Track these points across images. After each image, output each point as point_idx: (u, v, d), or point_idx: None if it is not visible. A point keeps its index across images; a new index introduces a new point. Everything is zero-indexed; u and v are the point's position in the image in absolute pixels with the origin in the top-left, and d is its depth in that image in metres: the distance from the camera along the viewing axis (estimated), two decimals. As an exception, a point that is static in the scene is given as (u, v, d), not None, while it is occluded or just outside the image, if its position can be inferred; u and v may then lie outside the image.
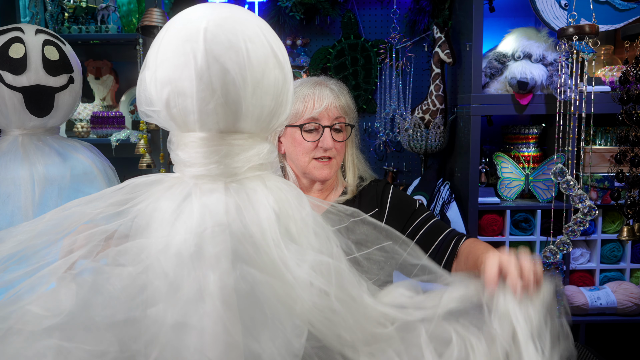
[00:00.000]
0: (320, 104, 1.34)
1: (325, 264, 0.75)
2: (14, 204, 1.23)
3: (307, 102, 1.35)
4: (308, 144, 1.35)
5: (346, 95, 1.42)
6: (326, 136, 1.34)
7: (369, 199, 1.43)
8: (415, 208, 1.41)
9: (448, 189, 2.33)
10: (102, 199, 0.77)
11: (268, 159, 0.80)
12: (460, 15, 2.39)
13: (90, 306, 0.68)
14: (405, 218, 1.40)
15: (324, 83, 1.40)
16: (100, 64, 2.68)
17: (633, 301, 2.13)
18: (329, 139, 1.34)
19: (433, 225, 1.38)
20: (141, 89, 0.77)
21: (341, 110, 1.37)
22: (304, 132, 1.36)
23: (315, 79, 1.41)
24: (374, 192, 1.44)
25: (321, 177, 1.38)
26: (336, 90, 1.39)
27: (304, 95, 1.36)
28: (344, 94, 1.41)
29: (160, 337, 0.67)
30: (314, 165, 1.37)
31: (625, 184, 1.68)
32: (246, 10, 0.79)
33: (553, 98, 2.14)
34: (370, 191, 1.45)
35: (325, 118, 1.35)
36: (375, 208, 1.42)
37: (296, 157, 1.38)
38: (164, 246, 0.70)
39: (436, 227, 1.38)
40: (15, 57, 1.25)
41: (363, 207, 1.39)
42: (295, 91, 1.35)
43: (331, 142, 1.34)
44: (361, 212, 0.93)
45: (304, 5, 2.55)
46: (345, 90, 1.43)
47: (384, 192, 1.44)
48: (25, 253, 0.74)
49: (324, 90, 1.36)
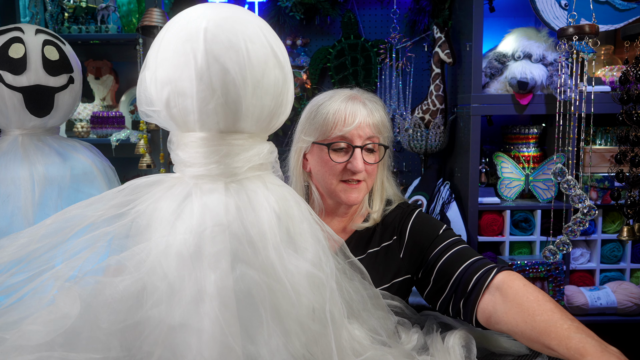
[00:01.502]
0: (352, 121, 1.20)
1: (317, 277, 0.76)
2: (14, 204, 1.23)
3: (337, 119, 1.20)
4: (336, 165, 1.21)
5: (381, 111, 1.27)
6: (357, 157, 1.20)
7: (390, 225, 1.29)
8: (438, 233, 1.22)
9: (448, 189, 2.33)
10: (102, 201, 0.78)
11: (268, 158, 0.80)
12: (460, 15, 2.39)
13: (95, 313, 0.68)
14: (427, 244, 1.21)
15: (357, 97, 1.25)
16: (100, 64, 2.68)
17: (633, 301, 2.13)
18: (360, 161, 1.20)
19: (458, 252, 1.16)
20: (141, 89, 0.78)
21: (375, 128, 1.23)
22: (332, 152, 1.22)
23: (349, 92, 1.27)
24: (397, 218, 1.29)
25: (348, 202, 1.24)
26: (370, 106, 1.24)
27: (334, 110, 1.21)
28: (378, 110, 1.26)
29: (162, 338, 0.67)
30: (341, 187, 1.23)
31: (625, 184, 1.68)
32: (246, 10, 0.79)
33: (553, 98, 2.14)
34: (394, 217, 1.30)
35: (356, 137, 1.21)
36: (394, 236, 1.27)
37: (322, 178, 1.25)
38: (164, 247, 0.70)
39: (461, 254, 1.16)
40: (15, 57, 1.25)
41: (384, 235, 1.29)
42: (325, 105, 1.23)
43: (362, 164, 1.20)
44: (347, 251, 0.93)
45: (304, 5, 2.55)
46: (381, 106, 1.28)
47: (406, 218, 1.28)
48: (28, 258, 0.74)
49: (357, 106, 1.22)
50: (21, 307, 0.71)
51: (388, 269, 1.24)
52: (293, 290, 0.72)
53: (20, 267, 0.73)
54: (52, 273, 0.72)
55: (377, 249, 1.27)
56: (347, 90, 1.28)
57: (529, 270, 2.13)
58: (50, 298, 0.70)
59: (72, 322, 0.67)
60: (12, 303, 0.71)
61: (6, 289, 0.72)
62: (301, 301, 0.73)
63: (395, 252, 1.25)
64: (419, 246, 1.22)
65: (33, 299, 0.71)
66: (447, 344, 1.00)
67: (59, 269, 0.72)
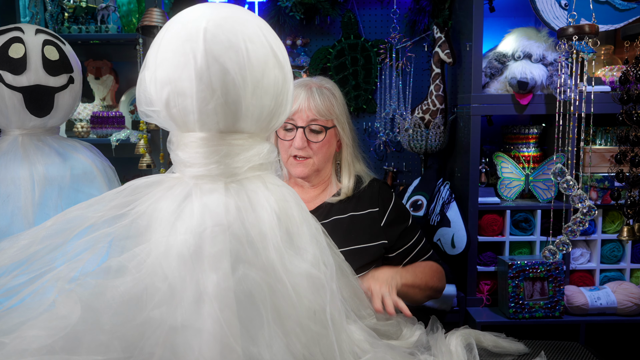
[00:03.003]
0: (295, 105, 1.39)
1: (317, 278, 0.76)
2: (14, 204, 1.23)
3: None
4: (284, 142, 1.42)
5: (328, 97, 1.42)
6: (297, 136, 1.39)
7: (370, 198, 1.48)
8: (407, 225, 1.51)
9: (448, 189, 2.33)
10: (103, 202, 0.77)
11: (268, 158, 0.80)
12: (460, 15, 2.39)
13: (96, 316, 0.68)
14: (399, 231, 1.49)
15: (308, 84, 1.43)
16: (100, 64, 2.68)
17: (633, 301, 2.12)
18: (299, 139, 1.39)
19: (420, 250, 1.52)
20: (141, 89, 0.77)
21: (317, 112, 1.39)
22: (283, 131, 1.42)
23: (303, 80, 1.45)
24: (375, 191, 1.49)
25: (296, 175, 1.44)
26: (316, 92, 1.41)
27: None
28: (325, 96, 1.42)
29: (163, 339, 0.67)
30: (291, 162, 1.43)
31: (625, 184, 1.68)
32: (246, 10, 0.79)
33: (553, 98, 2.14)
34: (371, 191, 1.49)
35: (300, 119, 1.40)
36: (377, 207, 1.48)
37: (280, 153, 1.45)
38: (165, 248, 0.70)
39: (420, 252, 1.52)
40: (15, 57, 1.25)
41: (363, 206, 1.48)
42: None
43: (302, 142, 1.39)
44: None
45: (304, 5, 2.55)
46: (330, 94, 1.43)
47: (384, 192, 1.51)
48: (30, 260, 0.74)
49: (300, 92, 1.40)
50: (22, 309, 0.70)
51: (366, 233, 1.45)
52: (294, 291, 0.72)
53: (22, 269, 0.73)
54: (53, 274, 0.72)
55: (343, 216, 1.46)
56: (306, 79, 1.47)
57: (529, 270, 2.13)
58: (51, 301, 0.69)
59: (73, 325, 0.67)
60: (13, 305, 0.70)
61: (7, 292, 0.72)
62: (302, 302, 0.73)
63: (376, 220, 1.47)
64: (395, 228, 1.48)
65: (34, 301, 0.70)
66: (449, 345, 1.01)
67: (60, 271, 0.72)
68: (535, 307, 2.13)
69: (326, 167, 1.50)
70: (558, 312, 2.13)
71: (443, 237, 2.22)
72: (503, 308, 2.19)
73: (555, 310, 2.13)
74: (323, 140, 1.42)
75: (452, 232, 2.20)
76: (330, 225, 1.45)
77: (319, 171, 1.48)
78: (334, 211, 1.47)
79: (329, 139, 1.44)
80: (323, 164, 1.46)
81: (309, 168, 1.43)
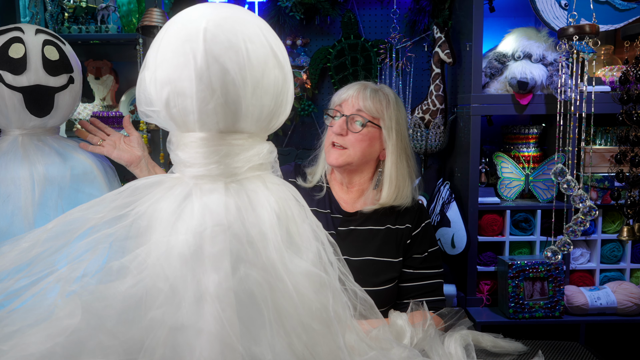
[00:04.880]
0: (345, 95, 1.44)
1: (319, 277, 0.75)
2: (14, 204, 1.23)
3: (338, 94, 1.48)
4: (327, 128, 1.47)
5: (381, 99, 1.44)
6: (338, 122, 1.42)
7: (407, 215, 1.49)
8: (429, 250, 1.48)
9: (448, 189, 2.33)
10: (103, 203, 0.77)
11: (268, 158, 0.80)
12: (460, 15, 2.39)
13: (98, 317, 0.68)
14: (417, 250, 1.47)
15: (365, 84, 1.47)
16: (100, 64, 2.68)
17: (633, 301, 2.12)
18: (339, 125, 1.41)
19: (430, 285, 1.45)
20: (141, 89, 0.77)
21: (363, 106, 1.42)
22: (327, 117, 1.47)
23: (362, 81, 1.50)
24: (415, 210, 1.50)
25: (330, 162, 1.44)
26: (369, 90, 1.44)
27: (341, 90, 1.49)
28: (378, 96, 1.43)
29: (164, 339, 0.67)
30: (328, 149, 1.45)
31: (625, 184, 1.68)
32: (246, 10, 0.79)
33: (553, 98, 2.14)
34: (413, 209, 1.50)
35: (346, 108, 1.43)
36: (411, 224, 1.48)
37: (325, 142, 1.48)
38: (165, 248, 0.70)
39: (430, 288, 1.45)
40: (15, 57, 1.25)
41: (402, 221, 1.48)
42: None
43: (341, 128, 1.40)
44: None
45: (304, 5, 2.55)
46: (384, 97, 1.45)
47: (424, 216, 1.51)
48: (32, 263, 0.74)
49: (354, 86, 1.46)
50: (23, 312, 0.70)
51: (399, 248, 1.45)
52: (295, 290, 0.72)
53: (24, 272, 0.73)
54: (55, 276, 0.72)
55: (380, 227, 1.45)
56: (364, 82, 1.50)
57: (528, 270, 2.13)
58: (53, 303, 0.69)
59: (74, 328, 0.67)
60: (15, 308, 0.70)
61: (9, 295, 0.72)
62: (303, 301, 0.73)
63: (404, 236, 1.46)
64: (419, 242, 1.46)
65: (36, 303, 0.70)
66: (448, 348, 1.01)
67: (62, 272, 0.72)
68: (535, 307, 2.13)
69: (364, 168, 1.48)
70: (558, 312, 2.13)
71: (443, 237, 2.22)
72: (503, 308, 2.19)
73: (555, 310, 2.13)
74: (362, 133, 1.41)
75: (452, 232, 2.20)
76: (365, 233, 1.45)
77: (354, 168, 1.46)
78: (371, 221, 1.47)
79: (368, 135, 1.42)
80: (359, 159, 1.43)
81: (344, 157, 1.42)
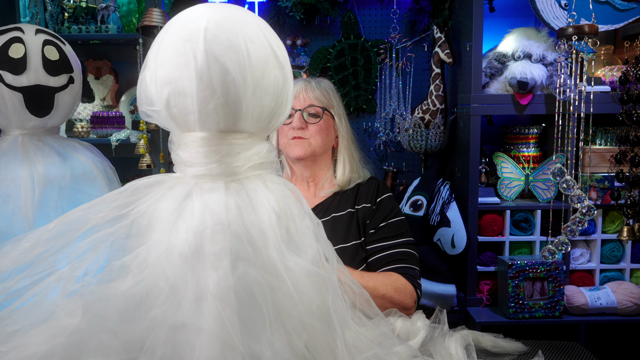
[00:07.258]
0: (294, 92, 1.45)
1: (318, 275, 0.76)
2: (14, 204, 1.23)
3: None
4: (284, 127, 1.49)
5: (325, 88, 1.52)
6: (295, 117, 1.47)
7: (366, 194, 1.51)
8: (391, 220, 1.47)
9: (448, 189, 2.33)
10: (104, 203, 0.77)
11: (268, 158, 0.80)
12: (460, 15, 2.39)
13: (98, 317, 0.68)
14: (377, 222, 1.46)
15: (306, 79, 1.54)
16: (100, 64, 2.68)
17: (633, 301, 2.13)
18: (297, 120, 1.46)
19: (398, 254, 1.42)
20: (141, 89, 0.77)
21: (314, 98, 1.49)
22: None
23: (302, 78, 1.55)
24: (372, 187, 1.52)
25: (294, 156, 1.48)
26: (313, 83, 1.52)
27: None
28: (322, 87, 1.52)
29: (164, 338, 0.67)
30: (289, 144, 1.48)
31: (625, 184, 1.68)
32: (246, 10, 0.79)
33: (553, 98, 2.14)
34: (368, 187, 1.52)
35: (298, 104, 1.48)
36: (369, 203, 1.50)
37: (280, 141, 1.52)
38: (166, 247, 0.70)
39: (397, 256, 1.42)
40: (15, 57, 1.25)
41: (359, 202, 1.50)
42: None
43: (300, 122, 1.46)
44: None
45: (304, 5, 2.55)
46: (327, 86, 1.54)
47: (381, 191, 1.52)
48: (33, 263, 0.74)
49: (299, 82, 1.51)
50: (24, 312, 0.70)
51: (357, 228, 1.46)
52: (295, 289, 0.72)
53: (26, 272, 0.73)
54: (56, 276, 0.72)
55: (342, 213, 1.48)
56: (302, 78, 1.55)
57: (528, 270, 2.13)
58: (54, 303, 0.69)
59: (75, 328, 0.67)
60: (16, 308, 0.70)
61: (10, 295, 0.72)
62: (303, 299, 0.73)
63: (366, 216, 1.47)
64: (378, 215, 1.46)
65: (37, 303, 0.70)
66: (449, 348, 1.01)
67: (63, 272, 0.72)
68: (535, 307, 2.14)
69: (324, 157, 1.54)
70: (558, 312, 2.14)
71: (443, 237, 2.22)
72: (503, 308, 2.19)
73: (555, 310, 2.13)
74: (320, 123, 1.48)
75: (452, 232, 2.21)
76: (330, 223, 1.46)
77: (316, 157, 1.51)
78: (332, 208, 1.49)
79: (326, 125, 1.50)
80: (320, 148, 1.50)
81: (310, 148, 1.47)
